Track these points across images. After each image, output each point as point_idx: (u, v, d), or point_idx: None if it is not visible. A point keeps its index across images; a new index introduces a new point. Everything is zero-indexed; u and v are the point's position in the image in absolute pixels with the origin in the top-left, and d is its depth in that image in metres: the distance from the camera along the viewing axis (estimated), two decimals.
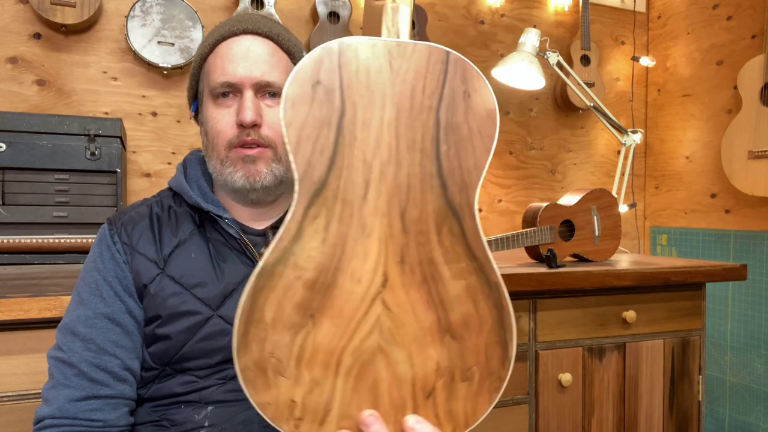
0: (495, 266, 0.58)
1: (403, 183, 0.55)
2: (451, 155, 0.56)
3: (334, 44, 0.53)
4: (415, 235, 0.56)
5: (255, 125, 0.79)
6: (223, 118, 0.80)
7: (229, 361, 0.77)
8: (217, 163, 0.81)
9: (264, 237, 0.85)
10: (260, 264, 0.52)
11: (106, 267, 0.80)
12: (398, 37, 0.55)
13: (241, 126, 0.79)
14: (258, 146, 0.79)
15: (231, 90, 0.80)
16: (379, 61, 0.54)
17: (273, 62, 0.81)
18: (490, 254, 0.58)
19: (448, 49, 0.55)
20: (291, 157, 0.53)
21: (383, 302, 0.55)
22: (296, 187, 0.53)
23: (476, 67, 0.56)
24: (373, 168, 0.54)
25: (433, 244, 0.56)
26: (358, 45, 0.53)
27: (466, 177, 0.57)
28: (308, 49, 1.87)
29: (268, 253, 0.53)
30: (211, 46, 0.83)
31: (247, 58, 0.80)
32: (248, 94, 0.79)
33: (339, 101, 0.53)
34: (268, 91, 0.81)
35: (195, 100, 0.88)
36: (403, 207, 0.55)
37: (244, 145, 0.79)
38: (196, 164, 0.89)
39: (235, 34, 0.82)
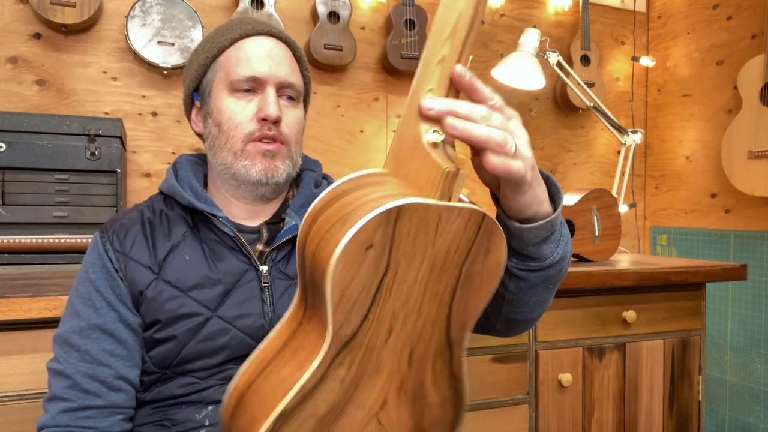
0: (466, 378, 0.65)
1: (418, 328, 0.59)
2: (461, 301, 0.60)
3: (395, 207, 0.52)
4: (416, 365, 0.61)
5: (276, 121, 0.81)
6: (242, 111, 0.81)
7: (231, 360, 0.77)
8: (229, 155, 0.82)
9: (258, 234, 0.85)
10: (280, 407, 0.54)
11: (98, 277, 0.80)
12: (449, 201, 0.55)
13: (263, 120, 0.80)
14: (276, 141, 0.81)
15: (254, 85, 0.81)
16: (429, 223, 0.54)
17: (293, 66, 0.85)
18: (465, 370, 0.64)
19: (485, 212, 0.56)
20: (329, 313, 0.53)
21: (378, 420, 0.60)
22: (328, 338, 0.54)
23: (500, 226, 0.58)
24: (398, 318, 0.57)
25: (427, 372, 0.61)
26: (416, 208, 0.53)
27: (467, 318, 0.61)
28: (308, 49, 1.87)
29: (289, 398, 0.54)
30: (232, 40, 0.83)
31: (272, 57, 0.82)
32: (271, 91, 0.81)
33: (385, 263, 0.54)
34: (286, 92, 0.83)
35: (194, 92, 0.88)
36: (414, 346, 0.59)
37: (264, 138, 0.81)
38: (187, 166, 0.89)
39: (259, 33, 0.84)
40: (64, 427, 0.74)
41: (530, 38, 1.88)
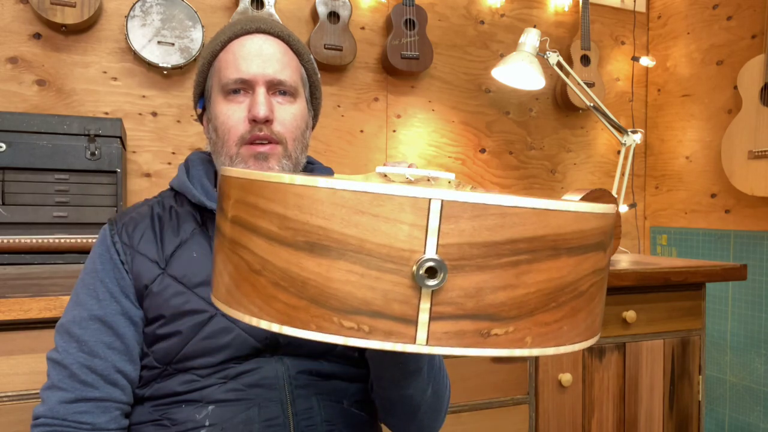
0: None
1: None
2: None
3: None
4: None
5: (267, 121, 0.80)
6: (234, 114, 0.81)
7: (232, 360, 0.77)
8: (227, 159, 0.82)
9: None
10: None
11: (105, 268, 0.80)
12: None
13: (253, 121, 0.79)
14: (269, 142, 0.81)
15: (243, 87, 0.81)
16: None
17: (285, 61, 0.83)
18: None
19: None
20: None
21: None
22: None
23: None
24: None
25: None
26: None
27: None
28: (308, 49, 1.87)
29: None
30: (223, 43, 0.83)
31: (261, 55, 0.81)
32: (261, 90, 0.80)
33: None
34: (279, 89, 0.82)
35: (201, 98, 0.88)
36: None
37: (256, 140, 0.80)
38: (198, 164, 0.90)
39: (248, 32, 0.83)
40: (61, 419, 0.74)
41: (530, 38, 1.88)
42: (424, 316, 0.33)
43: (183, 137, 1.80)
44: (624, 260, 1.72)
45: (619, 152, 2.43)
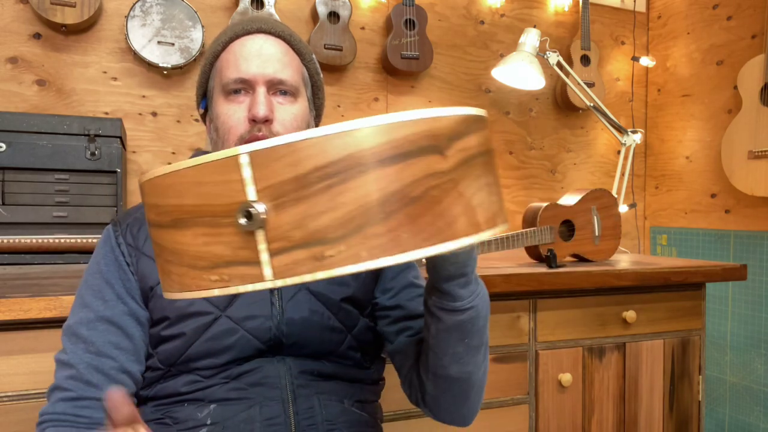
0: None
1: None
2: None
3: None
4: None
5: (267, 121, 0.79)
6: (234, 114, 0.80)
7: (235, 361, 0.77)
8: None
9: None
10: None
11: (110, 269, 0.80)
12: None
13: (253, 121, 0.79)
14: None
15: (244, 86, 0.81)
16: None
17: (286, 61, 0.83)
18: None
19: None
20: None
21: None
22: None
23: None
24: None
25: None
26: None
27: None
28: None
29: None
30: (224, 43, 0.83)
31: (261, 55, 0.81)
32: (261, 90, 0.80)
33: None
34: (279, 89, 0.82)
35: (203, 99, 0.88)
36: None
37: (255, 140, 0.79)
38: None
39: (248, 32, 0.83)
40: (61, 413, 0.74)
41: (530, 38, 1.88)
42: (264, 256, 0.38)
43: (183, 137, 1.80)
44: (624, 260, 1.72)
45: (619, 152, 2.42)
